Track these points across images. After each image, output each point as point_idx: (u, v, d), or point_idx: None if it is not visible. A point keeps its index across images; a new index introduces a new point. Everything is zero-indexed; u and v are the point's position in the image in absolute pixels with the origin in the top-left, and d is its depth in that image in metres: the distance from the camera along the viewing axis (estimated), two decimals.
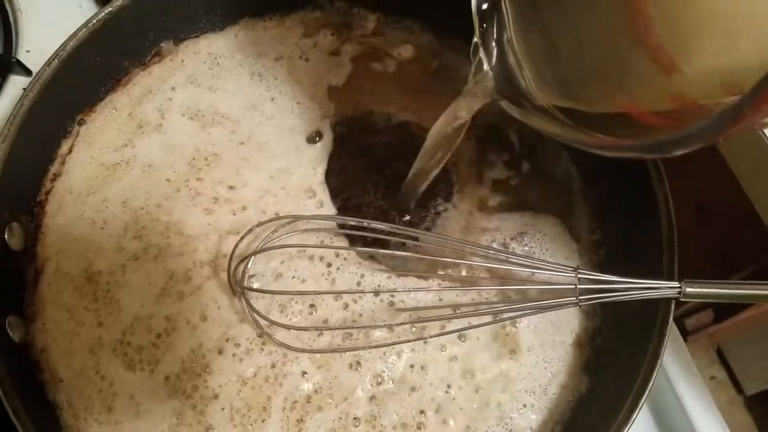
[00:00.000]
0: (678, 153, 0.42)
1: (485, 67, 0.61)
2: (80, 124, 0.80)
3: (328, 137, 0.85)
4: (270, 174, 0.81)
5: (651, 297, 0.67)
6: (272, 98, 0.86)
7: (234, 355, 0.71)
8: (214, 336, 0.72)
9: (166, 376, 0.70)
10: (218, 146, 0.82)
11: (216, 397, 0.69)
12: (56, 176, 0.78)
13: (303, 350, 0.71)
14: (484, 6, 0.60)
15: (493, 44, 0.61)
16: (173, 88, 0.84)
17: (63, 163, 0.78)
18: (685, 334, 1.26)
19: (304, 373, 0.71)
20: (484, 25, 0.60)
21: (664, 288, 0.66)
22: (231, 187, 0.79)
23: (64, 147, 0.79)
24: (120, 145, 0.80)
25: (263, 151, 0.82)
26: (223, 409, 0.69)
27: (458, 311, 0.75)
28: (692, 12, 0.45)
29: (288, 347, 0.71)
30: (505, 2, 0.59)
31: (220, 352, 0.71)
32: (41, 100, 0.72)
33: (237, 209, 0.78)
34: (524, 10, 0.60)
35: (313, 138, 0.85)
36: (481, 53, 0.61)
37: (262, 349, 0.72)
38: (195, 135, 0.82)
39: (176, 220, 0.77)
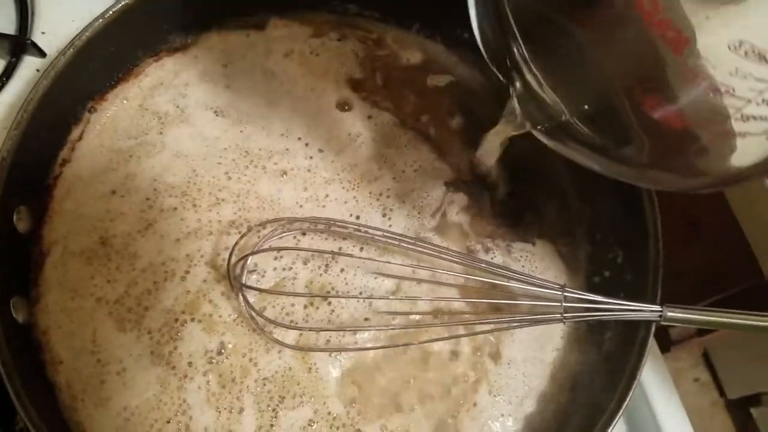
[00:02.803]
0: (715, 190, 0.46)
1: (512, 96, 0.65)
2: (91, 111, 0.81)
3: (358, 106, 0.87)
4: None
5: (633, 318, 0.69)
6: (288, 91, 0.87)
7: (215, 321, 0.74)
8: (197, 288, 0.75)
9: (148, 331, 0.72)
10: (259, 142, 0.83)
11: (191, 365, 0.72)
12: (65, 162, 0.79)
13: (294, 347, 0.74)
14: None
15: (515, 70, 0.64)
16: (187, 84, 0.85)
17: (72, 149, 0.79)
18: (669, 343, 1.29)
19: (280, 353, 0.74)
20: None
21: (645, 311, 0.68)
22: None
23: (75, 133, 0.80)
24: (136, 133, 0.81)
25: (314, 137, 0.84)
26: (199, 387, 0.71)
27: (444, 319, 0.77)
28: None
29: (279, 342, 0.73)
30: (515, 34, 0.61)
31: (193, 319, 0.73)
32: (54, 88, 0.73)
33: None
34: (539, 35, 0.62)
35: (342, 107, 0.87)
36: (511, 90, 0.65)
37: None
38: (228, 131, 0.83)
39: (261, 192, 0.80)
